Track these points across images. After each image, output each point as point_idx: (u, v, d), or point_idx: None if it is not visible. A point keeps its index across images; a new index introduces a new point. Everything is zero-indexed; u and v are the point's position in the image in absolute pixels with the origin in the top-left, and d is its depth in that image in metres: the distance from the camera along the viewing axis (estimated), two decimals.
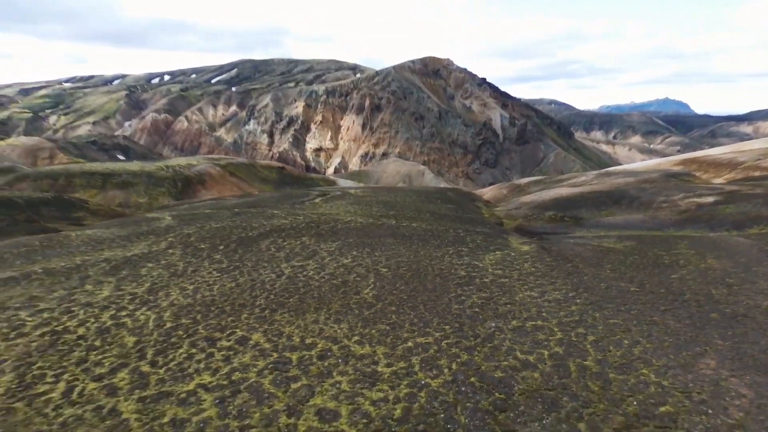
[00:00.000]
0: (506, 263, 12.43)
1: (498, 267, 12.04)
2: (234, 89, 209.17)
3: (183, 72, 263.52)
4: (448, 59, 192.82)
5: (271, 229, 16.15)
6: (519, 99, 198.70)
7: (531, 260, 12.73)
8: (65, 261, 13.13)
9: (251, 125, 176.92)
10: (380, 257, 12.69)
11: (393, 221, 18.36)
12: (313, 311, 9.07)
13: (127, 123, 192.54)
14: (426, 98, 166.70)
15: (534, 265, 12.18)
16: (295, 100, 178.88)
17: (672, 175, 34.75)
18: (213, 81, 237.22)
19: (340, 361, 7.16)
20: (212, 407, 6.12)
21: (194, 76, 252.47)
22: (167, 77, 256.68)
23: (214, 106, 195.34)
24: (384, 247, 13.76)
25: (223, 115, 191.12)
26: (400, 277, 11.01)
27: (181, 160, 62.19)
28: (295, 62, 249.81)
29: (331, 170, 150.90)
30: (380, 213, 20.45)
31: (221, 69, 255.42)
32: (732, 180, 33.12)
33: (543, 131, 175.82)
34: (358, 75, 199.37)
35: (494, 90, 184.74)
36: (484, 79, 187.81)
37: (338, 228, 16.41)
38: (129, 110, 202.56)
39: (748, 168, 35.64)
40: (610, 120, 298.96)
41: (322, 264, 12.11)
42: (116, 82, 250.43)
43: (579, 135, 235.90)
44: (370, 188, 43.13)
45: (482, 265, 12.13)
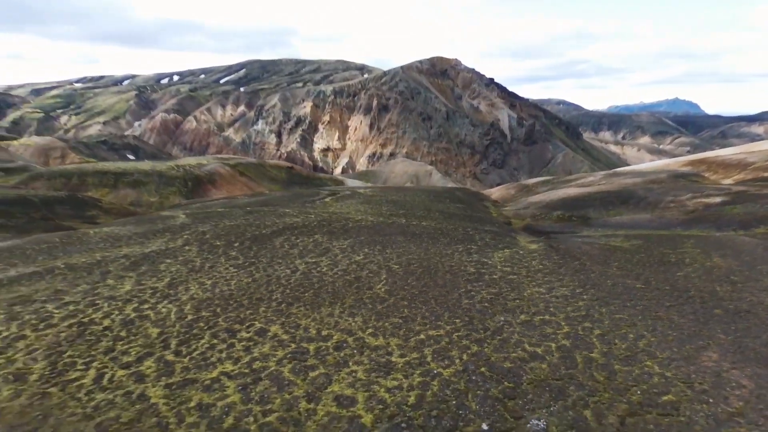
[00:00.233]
0: (515, 260, 12.71)
1: (506, 264, 12.32)
2: (242, 89, 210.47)
3: (192, 72, 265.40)
4: (456, 59, 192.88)
5: (284, 227, 16.52)
6: (527, 99, 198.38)
7: (539, 258, 13.00)
8: (85, 257, 13.56)
9: (259, 125, 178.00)
10: (391, 254, 13.01)
11: (403, 220, 18.67)
12: (328, 305, 9.40)
13: (137, 123, 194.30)
14: (433, 98, 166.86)
15: (542, 263, 12.44)
16: (303, 101, 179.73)
17: (680, 176, 34.79)
18: (221, 81, 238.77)
19: (356, 352, 7.48)
20: (235, 393, 6.46)
21: (203, 77, 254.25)
22: (176, 77, 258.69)
23: (223, 106, 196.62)
24: (395, 245, 14.09)
25: (232, 115, 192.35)
26: (412, 274, 11.33)
27: (192, 160, 62.88)
28: (303, 62, 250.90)
29: (339, 170, 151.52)
30: (390, 212, 20.77)
31: (230, 69, 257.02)
32: (741, 181, 33.10)
33: (551, 132, 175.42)
34: (366, 75, 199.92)
35: (502, 90, 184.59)
36: (492, 79, 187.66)
37: (349, 226, 16.75)
38: (139, 110, 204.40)
39: (758, 169, 35.56)
40: (619, 120, 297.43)
41: (335, 261, 12.46)
42: (126, 83, 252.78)
43: (587, 135, 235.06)
44: (379, 188, 43.48)
45: (491, 262, 12.42)
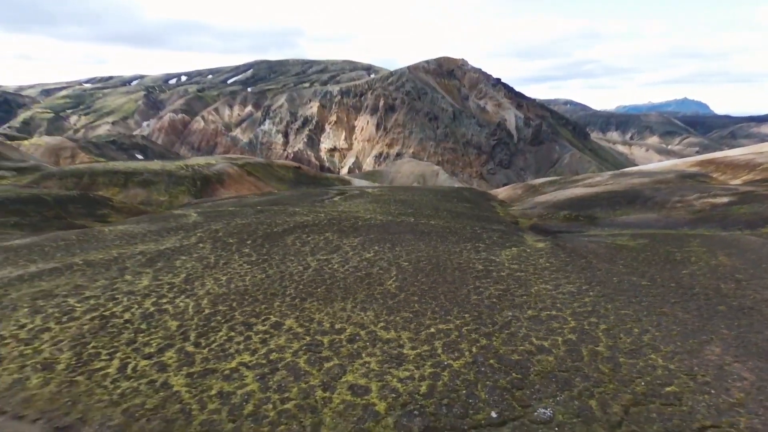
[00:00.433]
0: (522, 258, 12.93)
1: (514, 262, 12.55)
2: (249, 90, 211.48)
3: (200, 73, 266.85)
4: (463, 59, 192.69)
5: (295, 226, 16.82)
6: (534, 99, 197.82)
7: (546, 256, 13.21)
8: (102, 254, 13.93)
9: (266, 125, 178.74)
10: (401, 252, 13.27)
11: (411, 219, 18.93)
12: (340, 300, 9.68)
13: (145, 123, 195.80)
14: (440, 98, 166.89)
15: (549, 261, 12.66)
16: (310, 101, 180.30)
17: (688, 176, 34.79)
18: (229, 81, 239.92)
19: (368, 344, 7.75)
20: (254, 382, 6.75)
21: (210, 77, 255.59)
22: (184, 78, 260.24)
23: (230, 107, 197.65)
24: (404, 243, 14.34)
25: (239, 116, 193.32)
26: (421, 270, 11.58)
27: (200, 160, 63.41)
28: (310, 63, 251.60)
29: (345, 170, 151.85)
30: (398, 211, 21.03)
31: (237, 70, 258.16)
32: (750, 181, 33.06)
33: (558, 132, 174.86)
34: (373, 75, 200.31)
35: (509, 90, 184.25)
36: (499, 80, 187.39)
37: (359, 225, 17.03)
38: (147, 110, 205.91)
39: (767, 169, 35.47)
40: (627, 120, 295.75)
41: (346, 258, 12.74)
42: (135, 83, 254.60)
43: (595, 136, 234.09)
44: (387, 187, 43.76)
45: (499, 260, 12.65)
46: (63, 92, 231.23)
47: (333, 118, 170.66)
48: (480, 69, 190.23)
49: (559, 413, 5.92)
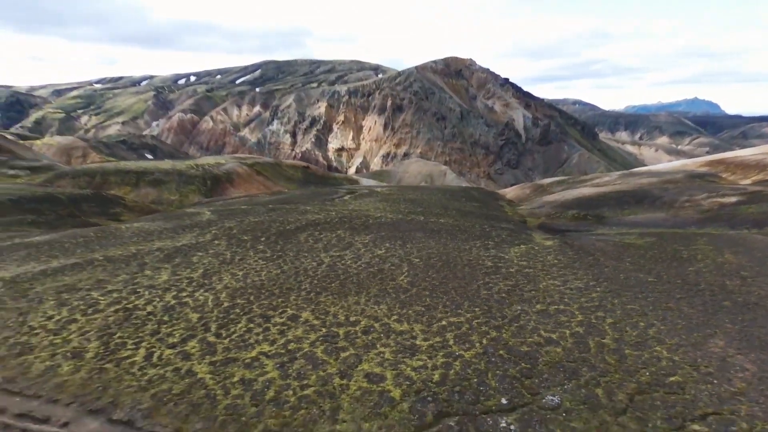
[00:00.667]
0: (530, 256, 13.19)
1: (522, 259, 12.81)
2: (258, 90, 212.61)
3: (208, 73, 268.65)
4: (471, 59, 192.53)
5: (307, 223, 17.17)
6: (542, 99, 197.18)
7: (554, 253, 13.46)
8: (121, 250, 14.34)
9: (274, 125, 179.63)
10: (412, 249, 13.57)
11: (421, 217, 19.22)
12: (354, 294, 10.00)
13: (155, 123, 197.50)
14: (448, 98, 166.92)
15: (557, 258, 12.90)
16: (318, 101, 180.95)
17: (697, 176, 34.80)
18: (237, 82, 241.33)
19: (382, 336, 8.06)
20: (274, 370, 7.07)
21: (219, 77, 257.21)
22: (193, 78, 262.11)
23: (239, 107, 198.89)
24: (414, 240, 14.64)
25: (247, 116, 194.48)
26: (432, 267, 11.88)
27: (210, 159, 64.05)
28: (318, 63, 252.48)
29: (353, 170, 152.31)
30: (408, 210, 21.33)
31: (245, 70, 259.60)
32: (759, 181, 33.02)
33: (566, 132, 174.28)
34: (380, 75, 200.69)
35: (517, 90, 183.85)
36: (507, 79, 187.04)
37: (370, 223, 17.35)
38: (156, 110, 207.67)
39: None
40: (636, 120, 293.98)
41: (358, 254, 13.06)
42: (144, 83, 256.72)
43: (604, 136, 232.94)
44: (396, 187, 44.06)
45: (508, 257, 12.91)
46: (74, 92, 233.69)
47: (341, 118, 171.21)
48: (488, 69, 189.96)
49: (567, 400, 6.19)
